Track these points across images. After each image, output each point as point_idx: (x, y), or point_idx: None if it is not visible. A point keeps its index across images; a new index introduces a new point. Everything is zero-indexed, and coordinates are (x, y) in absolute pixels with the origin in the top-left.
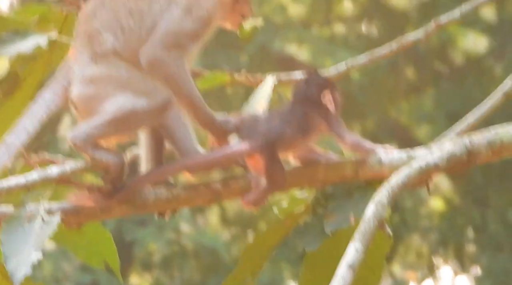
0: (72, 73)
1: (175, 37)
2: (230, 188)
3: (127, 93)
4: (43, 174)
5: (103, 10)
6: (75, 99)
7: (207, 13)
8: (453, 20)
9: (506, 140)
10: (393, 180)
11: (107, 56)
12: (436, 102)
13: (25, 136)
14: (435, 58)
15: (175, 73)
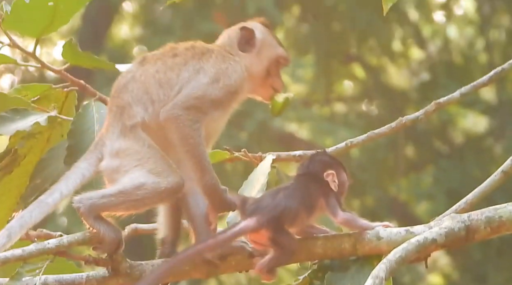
0: (104, 146)
1: (197, 101)
2: (227, 262)
3: (143, 169)
4: (40, 246)
5: (134, 83)
6: (103, 172)
7: (234, 84)
8: (453, 101)
9: (505, 218)
10: (391, 255)
11: (135, 129)
12: (436, 180)
13: (59, 198)
14: (435, 137)
15: (189, 133)
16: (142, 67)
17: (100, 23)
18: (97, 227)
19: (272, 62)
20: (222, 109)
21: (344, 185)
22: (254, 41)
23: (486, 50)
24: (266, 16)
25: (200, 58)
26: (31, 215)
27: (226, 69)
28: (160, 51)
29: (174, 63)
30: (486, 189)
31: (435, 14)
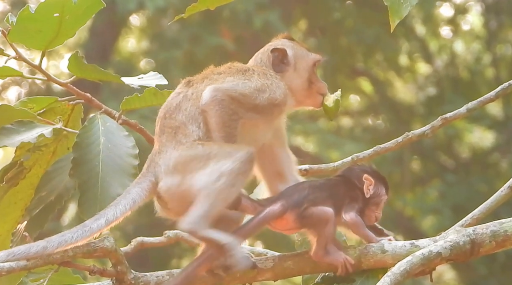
0: (157, 167)
1: (242, 97)
2: (232, 274)
3: (210, 163)
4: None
5: (187, 102)
6: (164, 194)
7: (279, 98)
8: (460, 116)
9: (510, 232)
10: (396, 268)
11: (188, 142)
12: (442, 194)
13: (104, 224)
14: (441, 152)
15: (227, 121)
16: (191, 87)
17: (107, 36)
18: (210, 235)
19: (310, 70)
20: (262, 116)
21: (380, 197)
22: (288, 59)
23: (493, 65)
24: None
25: (244, 74)
26: (72, 237)
27: (271, 84)
28: (203, 73)
29: (221, 77)
30: (492, 204)
31: (442, 29)
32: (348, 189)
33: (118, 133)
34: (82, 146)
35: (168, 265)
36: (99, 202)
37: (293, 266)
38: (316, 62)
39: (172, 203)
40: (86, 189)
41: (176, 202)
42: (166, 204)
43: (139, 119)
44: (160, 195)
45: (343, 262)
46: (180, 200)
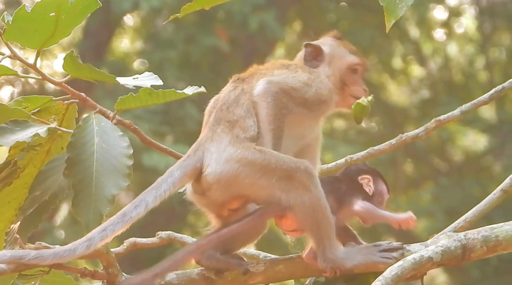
0: (208, 154)
1: (293, 91)
2: (224, 278)
3: (272, 179)
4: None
5: (244, 97)
6: (211, 179)
7: (324, 93)
8: (453, 118)
9: (501, 237)
10: (387, 272)
11: (245, 140)
12: (435, 197)
13: (143, 211)
14: (435, 155)
15: (277, 114)
16: (244, 82)
17: (101, 36)
18: (353, 263)
19: (344, 72)
20: (310, 112)
21: (382, 195)
22: (322, 56)
23: (486, 68)
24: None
25: (288, 68)
26: (113, 229)
27: (315, 79)
28: (248, 71)
29: (270, 71)
30: (485, 208)
31: (436, 32)
32: (350, 187)
33: (113, 133)
34: (77, 146)
35: None
36: (93, 202)
37: (285, 270)
38: (353, 66)
39: (214, 191)
40: (80, 189)
41: (219, 191)
42: (205, 190)
43: (132, 119)
44: (201, 180)
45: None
46: (224, 192)
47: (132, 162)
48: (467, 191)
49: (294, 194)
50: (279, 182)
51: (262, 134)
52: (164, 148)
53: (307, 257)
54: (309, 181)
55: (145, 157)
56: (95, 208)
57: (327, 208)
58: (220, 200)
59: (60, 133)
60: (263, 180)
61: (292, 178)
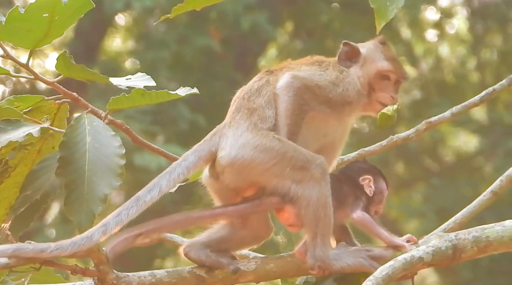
0: (224, 139)
1: (317, 88)
2: (214, 276)
3: (287, 168)
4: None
5: (268, 87)
6: (224, 162)
7: (351, 94)
8: (444, 120)
9: (492, 238)
10: (378, 272)
11: (263, 129)
12: (426, 198)
13: (157, 195)
14: (426, 156)
15: (297, 109)
16: (272, 74)
17: (93, 35)
18: (342, 265)
19: (373, 76)
20: (333, 111)
21: (382, 193)
22: (358, 58)
23: (478, 69)
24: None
25: (320, 65)
26: (128, 213)
27: (344, 79)
28: (282, 64)
29: (298, 66)
30: (476, 209)
31: (428, 32)
32: (351, 187)
33: (105, 133)
34: (69, 145)
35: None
36: (85, 201)
37: (276, 269)
38: (383, 71)
39: (227, 175)
40: (73, 189)
41: (231, 175)
42: (219, 174)
43: (124, 119)
44: (216, 164)
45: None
46: (236, 176)
47: (124, 161)
48: (459, 191)
49: (305, 186)
50: (293, 172)
51: (278, 127)
52: (156, 148)
53: (298, 251)
54: (322, 176)
55: (137, 157)
56: (87, 208)
57: (331, 208)
58: (232, 185)
59: (52, 132)
60: (277, 168)
61: (306, 170)
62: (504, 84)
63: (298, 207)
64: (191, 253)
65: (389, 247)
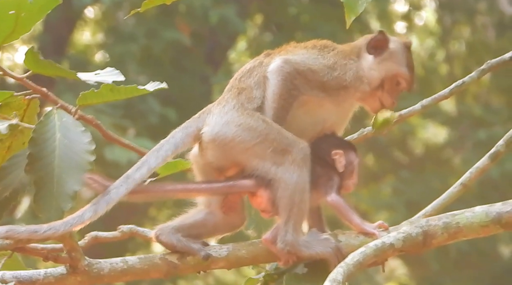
0: (210, 116)
1: (309, 73)
2: (186, 263)
3: (267, 149)
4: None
5: (260, 69)
6: (207, 137)
7: (348, 79)
8: (414, 113)
9: (462, 224)
10: (349, 259)
11: (249, 109)
12: (395, 190)
13: (146, 172)
14: (395, 148)
15: (285, 94)
16: (269, 56)
17: (62, 29)
18: (310, 252)
19: (390, 76)
20: (327, 96)
21: (353, 164)
22: (384, 48)
23: (447, 61)
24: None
25: (321, 49)
26: (117, 192)
27: (345, 65)
28: (282, 47)
29: (295, 50)
30: (445, 201)
31: (396, 25)
32: (323, 167)
33: (75, 129)
34: (38, 142)
35: None
36: (54, 198)
37: (247, 255)
38: (400, 77)
39: (209, 151)
40: (41, 186)
41: (213, 152)
42: (203, 150)
43: (94, 113)
44: (202, 139)
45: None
46: (218, 152)
47: (94, 157)
48: (427, 184)
49: (284, 170)
50: (274, 154)
51: (264, 109)
52: (127, 143)
53: (266, 238)
54: (303, 161)
55: (107, 152)
56: (56, 205)
57: (307, 194)
58: (214, 162)
59: (21, 128)
60: (259, 148)
61: (288, 153)
62: (474, 76)
63: (275, 190)
64: (162, 236)
65: (360, 234)
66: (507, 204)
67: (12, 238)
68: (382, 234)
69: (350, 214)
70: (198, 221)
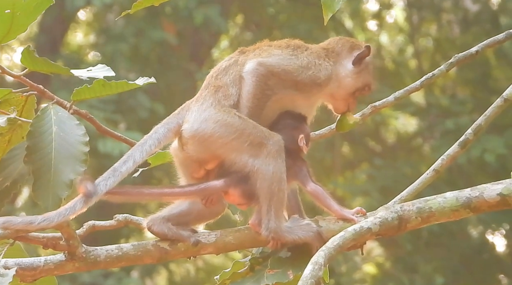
0: (189, 113)
1: (283, 73)
2: (177, 248)
3: (244, 144)
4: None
5: (235, 67)
6: (187, 134)
7: (322, 78)
8: (388, 104)
9: (434, 208)
10: (330, 243)
11: (226, 106)
12: (370, 177)
13: (132, 166)
14: (369, 137)
15: (259, 94)
16: (243, 54)
17: (57, 30)
18: (293, 237)
19: (362, 86)
20: (300, 93)
21: (308, 135)
22: (364, 60)
23: (415, 57)
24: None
25: (294, 49)
26: (106, 184)
27: (320, 65)
28: (258, 44)
29: (270, 49)
30: (419, 186)
31: (369, 23)
32: (290, 153)
33: (70, 122)
34: (36, 134)
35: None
36: (52, 187)
37: (234, 241)
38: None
39: (189, 146)
40: (40, 175)
41: (193, 147)
42: (183, 145)
43: (87, 108)
44: (182, 135)
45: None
46: (198, 148)
47: (88, 148)
48: (399, 170)
49: (261, 161)
50: (250, 148)
51: (240, 107)
52: (119, 135)
53: (252, 223)
54: (278, 153)
55: (100, 144)
56: (54, 193)
57: (285, 183)
58: (194, 156)
59: (20, 123)
60: (236, 142)
61: (263, 146)
62: (442, 69)
63: (254, 181)
64: (154, 227)
65: (340, 219)
66: (475, 190)
67: (9, 229)
68: (360, 219)
69: (329, 201)
70: (184, 210)
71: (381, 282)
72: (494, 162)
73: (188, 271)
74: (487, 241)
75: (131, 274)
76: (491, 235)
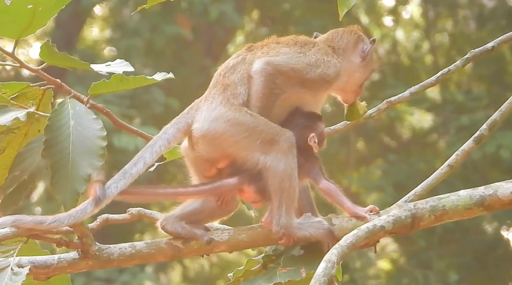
0: (199, 112)
1: (292, 72)
2: (190, 246)
3: (256, 141)
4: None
5: (242, 65)
6: (197, 134)
7: (332, 75)
8: (403, 99)
9: (448, 207)
10: (343, 241)
11: (235, 104)
12: (384, 173)
13: (142, 167)
14: (384, 133)
15: (267, 93)
16: (251, 52)
17: (73, 25)
18: (304, 234)
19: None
20: (308, 90)
21: (322, 133)
22: (369, 52)
23: (431, 52)
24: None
25: (302, 46)
26: (117, 186)
27: (328, 61)
28: (265, 41)
29: (278, 47)
30: (433, 182)
31: (384, 18)
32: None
33: (87, 116)
34: (53, 128)
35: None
36: (69, 181)
37: (247, 239)
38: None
39: (202, 144)
40: (57, 169)
41: (204, 146)
42: (194, 145)
43: (103, 103)
44: (191, 135)
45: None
46: (208, 147)
47: (105, 143)
48: (414, 166)
49: (272, 158)
50: (262, 145)
51: (249, 107)
52: (135, 130)
53: (265, 220)
54: (289, 149)
55: (115, 139)
56: (71, 187)
57: (296, 179)
58: (205, 156)
59: (37, 117)
60: (248, 140)
61: (275, 142)
62: (458, 65)
63: (265, 178)
64: (167, 226)
65: (353, 217)
66: (489, 188)
67: (19, 228)
68: (373, 217)
69: (341, 199)
70: (197, 208)
71: (395, 278)
72: (509, 158)
73: (202, 267)
74: (502, 237)
75: (146, 270)
76: (506, 231)
